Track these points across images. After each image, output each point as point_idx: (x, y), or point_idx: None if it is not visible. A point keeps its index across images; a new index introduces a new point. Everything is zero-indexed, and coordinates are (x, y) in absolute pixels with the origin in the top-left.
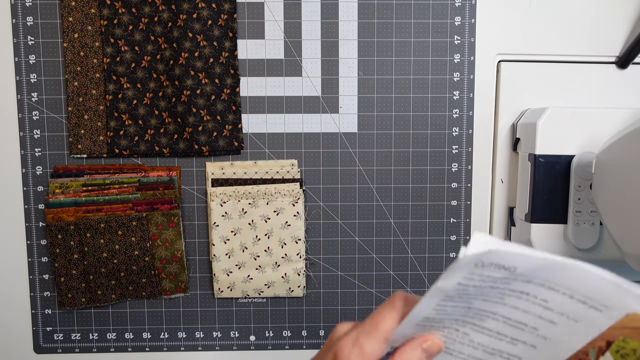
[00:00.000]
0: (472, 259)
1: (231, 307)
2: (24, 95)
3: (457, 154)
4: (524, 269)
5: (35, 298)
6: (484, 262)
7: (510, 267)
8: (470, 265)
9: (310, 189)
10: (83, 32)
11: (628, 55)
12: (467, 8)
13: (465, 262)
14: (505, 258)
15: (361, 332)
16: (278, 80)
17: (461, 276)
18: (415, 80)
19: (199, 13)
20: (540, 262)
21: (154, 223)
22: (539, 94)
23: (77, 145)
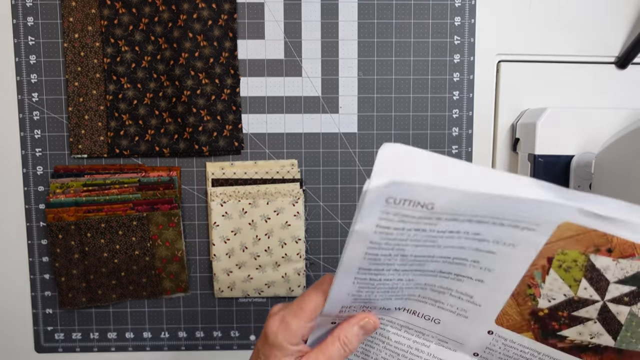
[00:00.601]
0: (377, 193)
1: (231, 307)
2: (25, 95)
3: (457, 154)
4: (442, 205)
5: (36, 298)
6: (395, 198)
7: (426, 204)
8: (380, 201)
9: (310, 189)
10: (83, 33)
11: (627, 55)
12: (467, 8)
13: (372, 197)
14: (416, 193)
15: (288, 312)
16: (278, 80)
17: (377, 216)
18: (415, 81)
19: (199, 13)
20: (457, 196)
21: (154, 223)
22: (538, 94)
23: (78, 146)
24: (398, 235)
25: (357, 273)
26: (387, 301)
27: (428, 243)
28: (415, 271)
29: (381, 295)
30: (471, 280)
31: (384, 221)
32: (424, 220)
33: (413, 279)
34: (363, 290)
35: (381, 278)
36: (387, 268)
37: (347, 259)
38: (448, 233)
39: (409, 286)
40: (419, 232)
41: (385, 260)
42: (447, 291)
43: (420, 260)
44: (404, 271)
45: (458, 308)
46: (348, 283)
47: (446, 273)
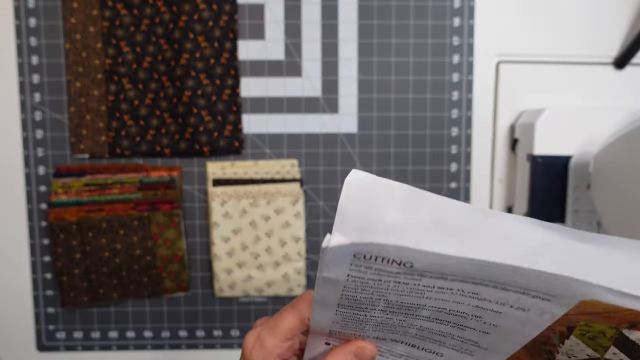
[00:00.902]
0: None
1: (232, 306)
2: (27, 96)
3: (456, 154)
4: (424, 265)
5: (38, 297)
6: (363, 253)
7: (403, 262)
8: (346, 258)
9: (310, 188)
10: (85, 33)
11: (625, 55)
12: (466, 9)
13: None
14: (388, 252)
15: (264, 329)
16: (278, 80)
17: (346, 267)
18: (414, 81)
19: (200, 14)
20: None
21: (155, 223)
22: (537, 95)
23: (79, 146)
24: (376, 285)
25: (338, 307)
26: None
27: (414, 294)
28: (407, 315)
29: (372, 327)
30: (474, 330)
31: (356, 272)
32: (404, 274)
33: (405, 320)
34: (349, 321)
35: (367, 315)
36: (372, 308)
37: (321, 298)
38: (437, 289)
39: (402, 325)
40: (401, 284)
41: (366, 302)
42: (448, 335)
43: (409, 308)
44: (392, 312)
45: (462, 348)
46: (329, 315)
47: (444, 321)
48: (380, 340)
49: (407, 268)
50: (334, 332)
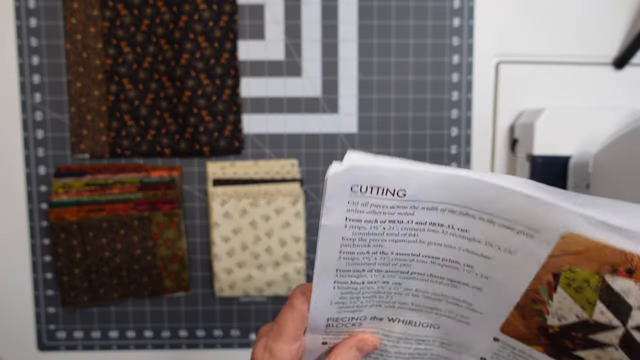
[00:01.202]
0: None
1: (232, 306)
2: (28, 96)
3: (456, 155)
4: (416, 191)
5: (39, 297)
6: (360, 185)
7: (397, 191)
8: (344, 189)
9: (310, 188)
10: (86, 34)
11: (625, 56)
12: (466, 10)
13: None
14: (382, 177)
15: (269, 337)
16: (278, 81)
17: (344, 207)
18: (414, 82)
19: (200, 14)
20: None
21: (155, 222)
22: (537, 95)
23: (80, 146)
24: (372, 229)
25: (336, 276)
26: (377, 309)
27: (408, 237)
28: (402, 273)
29: (368, 301)
30: (467, 286)
31: (353, 213)
32: (397, 210)
33: (401, 283)
34: (347, 297)
35: (364, 281)
36: (368, 268)
37: (322, 260)
38: (429, 225)
39: (398, 291)
40: (395, 224)
41: (363, 259)
42: (442, 298)
43: (404, 260)
44: (387, 272)
45: (457, 314)
46: (328, 289)
47: (438, 278)
48: (377, 321)
49: (400, 199)
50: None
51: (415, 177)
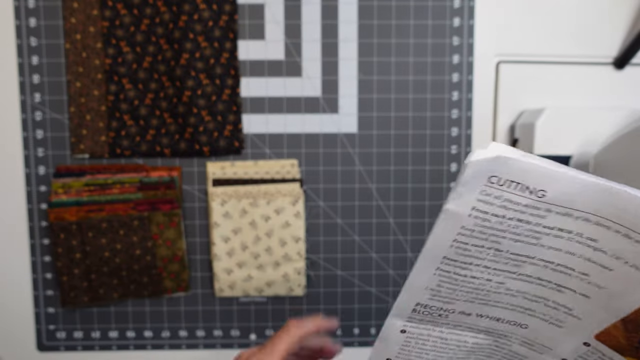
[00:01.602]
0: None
1: (232, 306)
2: (27, 96)
3: (456, 155)
4: (556, 193)
5: (39, 297)
6: (499, 176)
7: (536, 190)
8: (482, 178)
9: (310, 188)
10: (85, 34)
11: (625, 56)
12: (466, 9)
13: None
14: (526, 173)
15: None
16: (278, 80)
17: (475, 196)
18: (414, 81)
19: (200, 14)
20: (577, 185)
21: (155, 223)
22: (537, 95)
23: (79, 146)
24: (496, 224)
25: (441, 263)
26: (469, 304)
27: (530, 240)
28: (509, 273)
29: (463, 295)
30: (574, 293)
31: (482, 204)
32: (530, 210)
33: (504, 283)
34: (444, 286)
35: (467, 274)
36: (477, 263)
37: (432, 244)
38: (557, 231)
39: (497, 290)
40: (522, 223)
41: (475, 252)
42: (541, 300)
43: (516, 260)
44: (495, 270)
45: (552, 317)
46: (428, 274)
47: (545, 281)
48: (465, 316)
49: (537, 200)
50: (418, 307)
51: (561, 180)
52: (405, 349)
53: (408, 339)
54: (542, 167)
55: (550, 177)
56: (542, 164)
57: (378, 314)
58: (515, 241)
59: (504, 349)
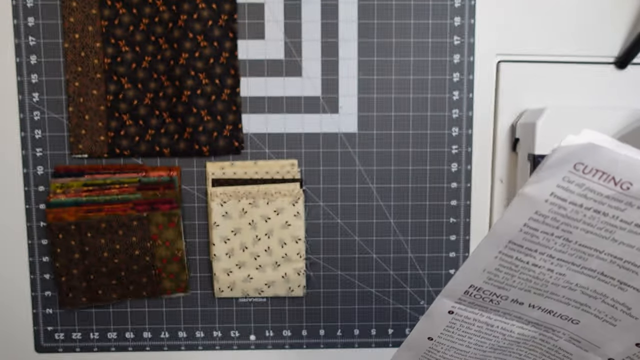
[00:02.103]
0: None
1: (231, 307)
2: (25, 95)
3: (457, 154)
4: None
5: (37, 297)
6: (586, 164)
7: (622, 181)
8: (567, 164)
9: (310, 189)
10: (84, 33)
11: (627, 55)
12: (467, 8)
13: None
14: (616, 163)
15: None
16: (278, 80)
17: (556, 182)
18: (414, 81)
19: (200, 13)
20: None
21: (154, 223)
22: (538, 95)
23: (78, 146)
24: (571, 213)
25: (505, 247)
26: (524, 293)
27: (603, 233)
28: (573, 265)
29: (521, 283)
30: (636, 292)
31: (562, 190)
32: (610, 202)
33: (565, 275)
34: (502, 271)
35: (529, 262)
36: (542, 251)
37: (501, 226)
38: (633, 226)
39: (557, 282)
40: (599, 215)
41: (543, 240)
42: (600, 297)
43: (584, 252)
44: (559, 261)
45: (607, 315)
46: (490, 255)
47: (609, 278)
48: (517, 304)
49: (621, 192)
50: (471, 290)
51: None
52: (449, 330)
53: (454, 320)
54: (632, 159)
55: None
56: (633, 155)
57: (378, 314)
58: (587, 232)
59: (549, 343)
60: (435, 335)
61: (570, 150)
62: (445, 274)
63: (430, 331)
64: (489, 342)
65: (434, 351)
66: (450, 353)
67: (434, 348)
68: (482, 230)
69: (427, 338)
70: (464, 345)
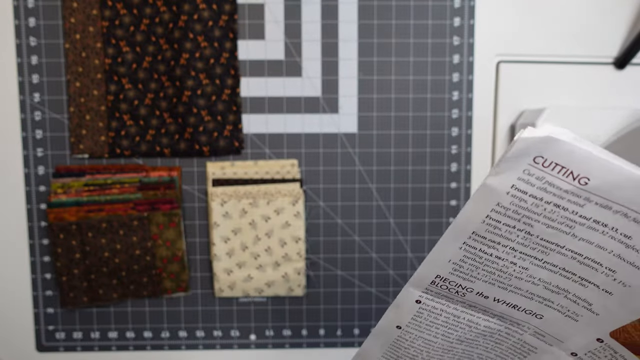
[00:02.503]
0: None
1: (232, 307)
2: (26, 96)
3: (456, 154)
4: (600, 183)
5: (38, 297)
6: (545, 157)
7: (579, 176)
8: (527, 157)
9: (310, 189)
10: (85, 33)
11: (626, 55)
12: (467, 9)
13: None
14: (574, 157)
15: None
16: (278, 80)
17: (516, 174)
18: (414, 81)
19: (200, 14)
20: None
21: (155, 223)
22: (538, 95)
23: (79, 146)
24: (532, 206)
25: (469, 238)
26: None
27: (563, 227)
28: (535, 259)
29: (485, 276)
30: (597, 289)
31: (523, 183)
32: (569, 196)
33: (528, 269)
34: (467, 262)
35: (493, 254)
36: (504, 243)
37: (464, 217)
38: (591, 222)
39: (520, 276)
40: (559, 209)
41: (505, 232)
42: (562, 292)
43: (545, 247)
44: (521, 254)
45: (569, 310)
46: (454, 247)
47: (570, 273)
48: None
49: (579, 187)
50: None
51: (606, 169)
52: (416, 320)
53: (421, 310)
54: (590, 153)
55: (597, 165)
56: (591, 150)
57: (378, 314)
58: (548, 227)
59: (514, 337)
60: (404, 324)
61: (530, 143)
62: None
63: (399, 320)
64: (455, 334)
65: (402, 340)
66: (418, 342)
67: (402, 337)
68: None
69: (395, 327)
70: (431, 335)
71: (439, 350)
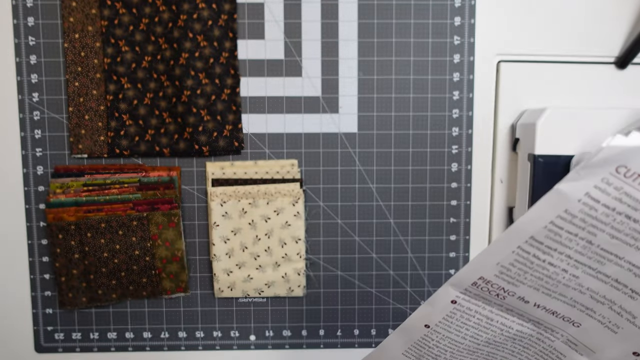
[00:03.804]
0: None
1: (231, 307)
2: (25, 95)
3: (457, 154)
4: None
5: (36, 298)
6: (629, 168)
7: None
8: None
9: (310, 189)
10: (84, 33)
11: (627, 55)
12: (467, 8)
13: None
14: None
15: None
16: (278, 80)
17: (594, 182)
18: (415, 81)
19: (199, 13)
20: None
21: (154, 223)
22: (538, 95)
23: (78, 146)
24: (601, 216)
25: (525, 242)
26: (532, 291)
27: (628, 239)
28: (589, 269)
29: (531, 281)
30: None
31: (598, 192)
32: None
33: (578, 277)
34: (516, 266)
35: (546, 260)
36: (561, 250)
37: (527, 221)
38: None
39: (567, 283)
40: (629, 221)
41: (565, 239)
42: (607, 303)
43: (602, 256)
44: (576, 262)
45: (611, 322)
46: (507, 250)
47: (622, 285)
48: (522, 302)
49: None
50: (480, 281)
51: None
52: (448, 320)
53: (455, 310)
54: None
55: None
56: None
57: (378, 314)
58: (612, 237)
59: (544, 343)
60: (433, 323)
61: (617, 152)
62: (445, 274)
63: (429, 318)
64: (485, 336)
65: (428, 339)
66: (445, 343)
67: (428, 336)
68: (482, 230)
69: (424, 325)
70: (459, 337)
71: (464, 352)
